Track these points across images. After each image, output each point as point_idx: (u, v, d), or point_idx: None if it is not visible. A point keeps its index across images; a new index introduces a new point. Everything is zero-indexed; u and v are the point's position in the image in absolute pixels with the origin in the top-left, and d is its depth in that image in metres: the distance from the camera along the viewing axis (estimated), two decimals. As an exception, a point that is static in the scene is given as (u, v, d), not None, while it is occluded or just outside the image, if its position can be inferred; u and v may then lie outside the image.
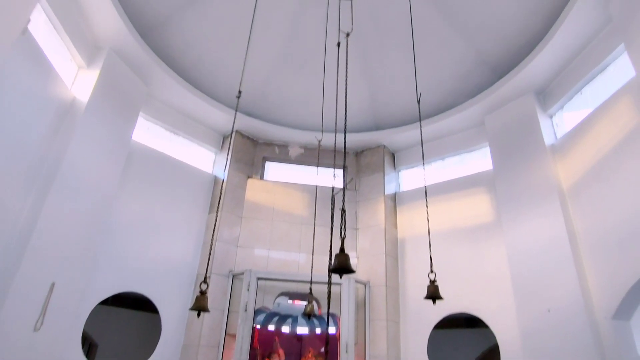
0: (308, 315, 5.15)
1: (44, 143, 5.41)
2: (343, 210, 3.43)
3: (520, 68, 6.65)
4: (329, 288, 4.63)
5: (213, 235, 5.49)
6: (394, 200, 8.57)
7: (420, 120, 5.64)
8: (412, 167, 8.87)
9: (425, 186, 5.32)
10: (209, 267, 6.95)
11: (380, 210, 8.12)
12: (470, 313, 6.87)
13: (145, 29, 6.75)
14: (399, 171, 9.02)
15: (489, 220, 7.19)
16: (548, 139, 6.64)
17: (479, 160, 7.94)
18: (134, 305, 9.36)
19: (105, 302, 9.38)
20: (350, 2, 6.94)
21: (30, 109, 5.10)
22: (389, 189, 8.53)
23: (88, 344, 9.54)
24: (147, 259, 6.78)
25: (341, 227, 3.34)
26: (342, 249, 3.15)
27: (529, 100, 6.96)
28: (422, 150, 5.93)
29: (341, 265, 3.08)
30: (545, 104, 6.99)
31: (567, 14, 5.59)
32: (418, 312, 7.22)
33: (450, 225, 7.56)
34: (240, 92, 5.16)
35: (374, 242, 7.86)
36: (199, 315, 3.99)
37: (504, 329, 6.32)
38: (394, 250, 7.93)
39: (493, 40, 7.04)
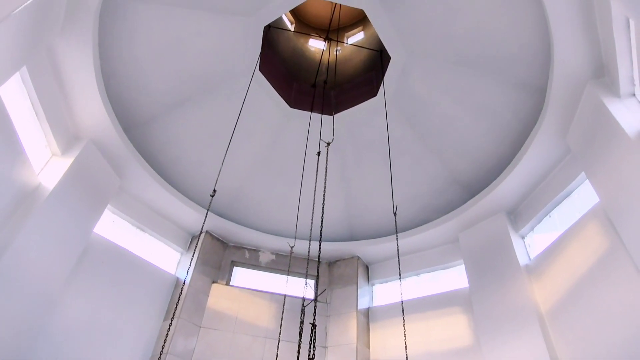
0: None
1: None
2: (314, 325, 3.08)
3: (490, 189, 6.92)
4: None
5: (163, 346, 4.80)
6: (367, 316, 8.03)
7: (396, 232, 5.58)
8: (386, 282, 8.55)
9: (402, 302, 5.01)
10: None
11: (352, 326, 7.52)
12: None
13: (130, 124, 6.86)
14: (372, 285, 8.66)
15: (468, 343, 6.71)
16: (522, 259, 6.62)
17: (455, 278, 7.75)
18: None
19: None
20: (332, 117, 7.42)
21: (-13, 191, 4.77)
22: (362, 303, 8.05)
23: None
24: (82, 372, 5.80)
25: (310, 345, 2.96)
26: (310, 368, 2.73)
27: (501, 220, 7.10)
28: (399, 262, 5.74)
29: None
30: (516, 225, 7.13)
31: (531, 142, 6.05)
32: None
33: (426, 348, 6.99)
34: (215, 190, 5.07)
35: (344, 364, 7.10)
36: None
37: None
38: (366, 376, 7.15)
39: (464, 161, 7.46)
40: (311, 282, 8.29)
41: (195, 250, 7.78)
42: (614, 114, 4.75)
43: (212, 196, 4.96)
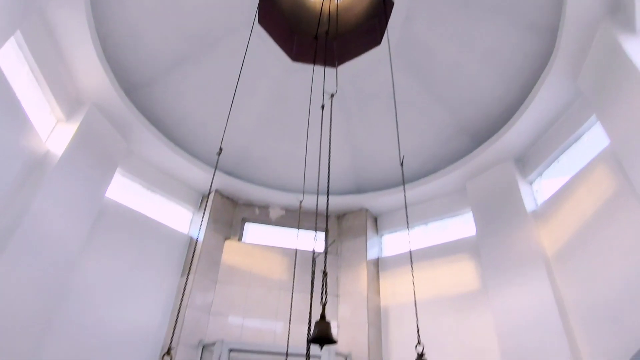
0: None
1: (7, 196, 5.08)
2: (325, 273, 3.18)
3: (498, 136, 6.84)
4: (308, 355, 4.20)
5: (182, 300, 5.06)
6: (377, 265, 8.28)
7: (403, 183, 5.60)
8: (395, 232, 8.71)
9: (410, 251, 5.13)
10: (175, 336, 6.35)
11: (362, 276, 7.79)
12: (459, 390, 6.35)
13: (130, 86, 6.78)
14: (381, 235, 8.84)
15: (475, 288, 6.94)
16: (529, 205, 6.66)
17: (463, 226, 7.87)
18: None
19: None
20: (335, 69, 7.23)
21: (-1, 161, 4.85)
22: (372, 253, 8.27)
23: None
24: (108, 328, 6.15)
25: (322, 292, 3.07)
26: (322, 316, 2.87)
27: (508, 167, 7.08)
28: (407, 213, 5.82)
29: (322, 335, 2.78)
30: (524, 171, 7.11)
31: (540, 85, 5.88)
32: (403, 390, 6.64)
33: (434, 293, 7.26)
34: (221, 149, 5.07)
35: (355, 311, 7.42)
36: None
37: (497, 410, 5.80)
38: (377, 320, 7.49)
39: (472, 109, 7.33)
40: (321, 235, 8.51)
41: (205, 210, 7.95)
42: (628, 53, 4.57)
43: (219, 154, 4.97)
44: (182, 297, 3.92)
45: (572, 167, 6.12)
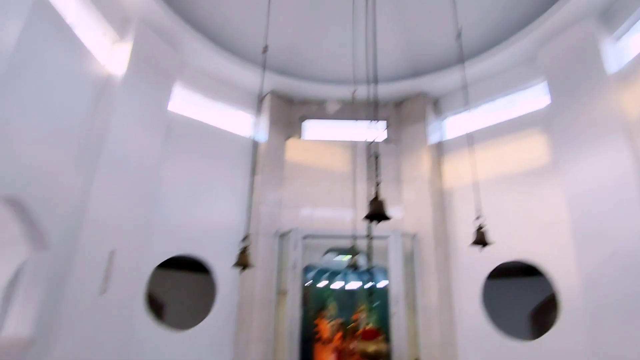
0: (353, 268, 5.14)
1: (86, 120, 5.63)
2: (376, 157, 3.27)
3: (577, -13, 5.86)
4: (369, 234, 4.55)
5: (253, 197, 5.54)
6: (439, 149, 8.17)
7: (463, 58, 5.18)
8: (457, 113, 8.34)
9: (471, 132, 4.97)
10: (253, 228, 7.12)
11: (424, 161, 7.80)
12: (525, 261, 6.54)
13: (170, -5, 6.67)
14: (443, 118, 8.54)
15: (544, 162, 6.67)
16: (611, 66, 5.92)
17: (532, 99, 7.29)
18: (192, 267, 9.90)
19: (167, 267, 10.03)
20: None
21: (68, 89, 5.28)
22: (433, 138, 8.13)
23: (157, 305, 10.35)
24: (197, 224, 7.06)
25: (375, 174, 3.19)
26: (376, 196, 3.02)
27: (588, 25, 6.18)
28: (467, 91, 5.48)
29: (376, 212, 2.96)
30: (609, 26, 6.18)
31: None
32: (470, 262, 6.99)
33: (501, 171, 7.12)
34: (266, 46, 5.02)
35: (419, 194, 7.62)
36: (242, 270, 4.09)
37: (563, 277, 5.97)
38: (440, 201, 7.66)
39: (543, -41, 6.23)
40: (379, 124, 8.48)
41: (260, 111, 8.20)
42: None
43: (265, 52, 4.94)
44: (254, 194, 4.30)
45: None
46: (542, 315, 8.46)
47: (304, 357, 6.69)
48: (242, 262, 3.96)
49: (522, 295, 8.67)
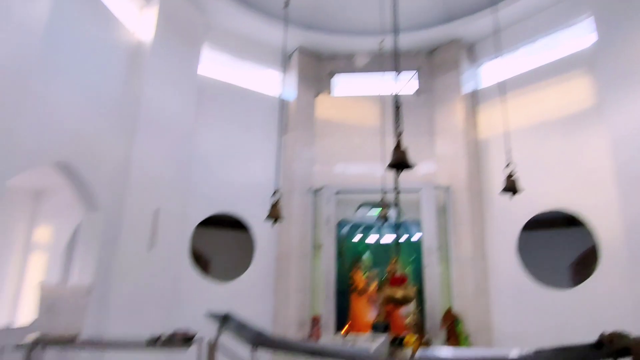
0: (383, 221, 5.23)
1: (121, 88, 5.91)
2: (397, 107, 3.25)
3: None
4: (397, 187, 4.58)
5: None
6: (473, 98, 7.84)
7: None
8: (493, 59, 7.88)
9: (507, 78, 4.73)
10: (286, 185, 7.32)
11: (458, 111, 7.55)
12: (565, 210, 6.35)
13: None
14: (478, 66, 8.11)
15: (586, 106, 6.28)
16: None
17: (575, 38, 6.75)
18: (233, 225, 10.45)
19: (210, 225, 10.63)
20: None
21: (102, 59, 5.54)
22: (467, 87, 7.80)
23: (203, 261, 11.10)
24: (232, 183, 7.36)
25: (396, 124, 3.18)
26: (398, 145, 3.03)
27: (642, -52, 5.54)
28: (500, 36, 5.17)
29: (398, 161, 2.98)
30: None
31: None
32: (505, 213, 6.86)
33: (539, 117, 6.78)
34: (287, 0, 4.94)
35: (453, 146, 7.45)
36: (274, 222, 4.30)
37: (604, 225, 5.76)
38: (475, 152, 7.45)
39: None
40: (407, 74, 8.23)
41: (290, 69, 8.13)
42: None
43: (286, 6, 4.88)
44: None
45: None
46: (582, 266, 8.28)
47: (340, 306, 7.00)
48: (274, 215, 4.15)
49: (561, 247, 8.47)
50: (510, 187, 3.94)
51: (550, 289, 6.26)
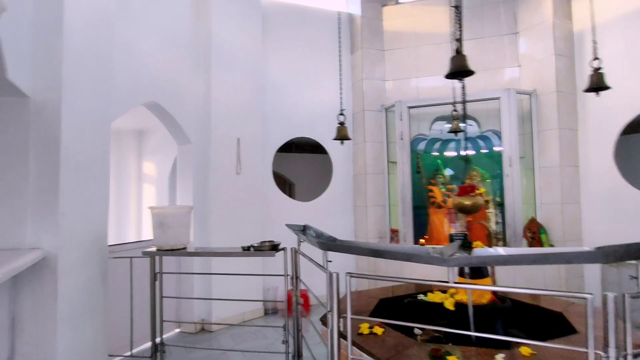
0: (455, 132, 5.11)
1: (192, 27, 6.19)
2: (456, 6, 3.04)
3: None
4: (464, 96, 4.40)
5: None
6: (568, -17, 6.75)
7: None
8: None
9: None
10: (357, 104, 7.31)
11: (547, 1, 6.60)
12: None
13: None
14: (574, -59, 6.82)
15: None
16: None
17: None
18: (311, 149, 10.94)
19: (291, 151, 11.23)
20: None
21: (171, 1, 5.78)
22: (560, -30, 6.68)
23: (288, 184, 11.96)
24: (305, 108, 7.57)
25: (458, 27, 3.01)
26: (457, 51, 2.90)
27: None
28: None
29: (458, 68, 2.88)
30: None
31: None
32: (602, 114, 6.18)
33: (651, -3, 5.68)
34: None
35: (539, 44, 6.65)
36: (342, 142, 4.47)
37: None
38: (568, 49, 6.58)
39: None
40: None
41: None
42: None
43: None
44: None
45: None
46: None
47: (418, 220, 7.22)
48: (341, 136, 4.32)
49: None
50: (595, 84, 3.54)
51: (652, 194, 5.73)
